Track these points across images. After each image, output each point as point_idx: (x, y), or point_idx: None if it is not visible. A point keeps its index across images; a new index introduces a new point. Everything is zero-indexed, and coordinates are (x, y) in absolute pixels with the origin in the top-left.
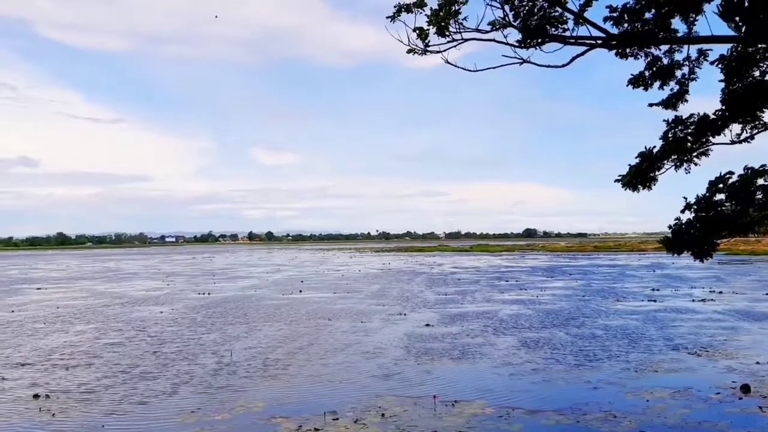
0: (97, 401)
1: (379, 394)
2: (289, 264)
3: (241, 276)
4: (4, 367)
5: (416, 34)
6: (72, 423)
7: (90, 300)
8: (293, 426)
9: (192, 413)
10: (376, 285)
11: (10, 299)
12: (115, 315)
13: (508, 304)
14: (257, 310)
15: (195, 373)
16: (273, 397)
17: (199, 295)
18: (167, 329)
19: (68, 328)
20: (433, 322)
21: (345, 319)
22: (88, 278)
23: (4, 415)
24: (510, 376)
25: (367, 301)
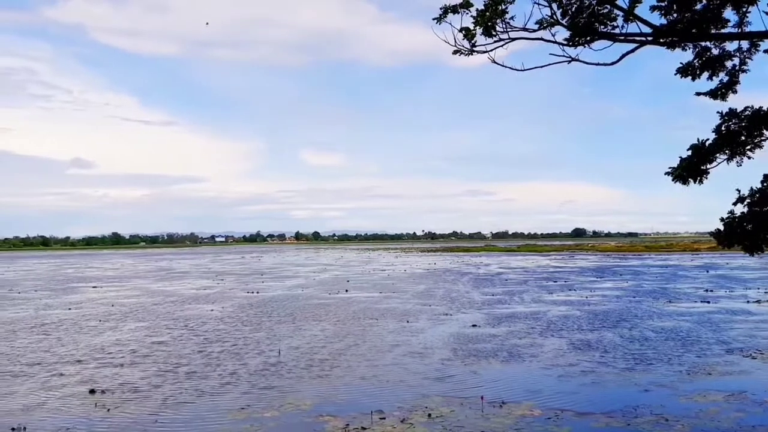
0: (150, 397)
1: (425, 394)
2: (335, 264)
3: (288, 275)
4: (62, 364)
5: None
6: (126, 418)
7: (143, 298)
8: (341, 424)
9: (242, 410)
10: (422, 285)
11: (68, 297)
12: (167, 313)
13: (557, 305)
14: (304, 310)
15: (244, 371)
16: (320, 396)
17: (248, 294)
18: (217, 327)
19: (122, 325)
20: (479, 323)
21: (391, 319)
22: (141, 277)
23: (63, 409)
24: (558, 378)
25: (413, 301)
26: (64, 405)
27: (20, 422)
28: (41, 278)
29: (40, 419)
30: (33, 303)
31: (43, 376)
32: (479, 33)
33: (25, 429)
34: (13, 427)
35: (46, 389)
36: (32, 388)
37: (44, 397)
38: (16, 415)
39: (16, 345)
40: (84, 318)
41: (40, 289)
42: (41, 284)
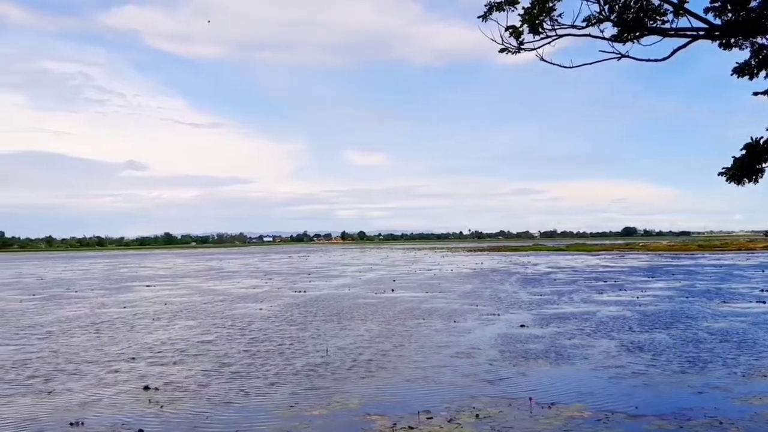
0: (200, 394)
1: (473, 394)
2: (381, 263)
3: (334, 275)
4: (117, 361)
5: (509, 32)
6: (179, 414)
7: (194, 297)
8: (388, 423)
9: (290, 408)
10: (468, 285)
11: (122, 296)
12: (216, 312)
13: (607, 305)
14: (350, 309)
15: (292, 369)
16: (368, 395)
17: (296, 293)
18: (265, 326)
19: (174, 323)
20: (528, 323)
21: (438, 319)
22: (192, 276)
23: (118, 405)
24: (609, 380)
25: (460, 301)
26: (119, 401)
27: (78, 417)
28: (97, 277)
29: (96, 414)
30: (89, 302)
31: (98, 373)
32: (526, 31)
33: (83, 424)
34: (71, 422)
35: (101, 385)
36: (89, 384)
37: (100, 393)
38: (73, 411)
39: (73, 343)
40: (137, 316)
41: (96, 288)
42: (97, 283)
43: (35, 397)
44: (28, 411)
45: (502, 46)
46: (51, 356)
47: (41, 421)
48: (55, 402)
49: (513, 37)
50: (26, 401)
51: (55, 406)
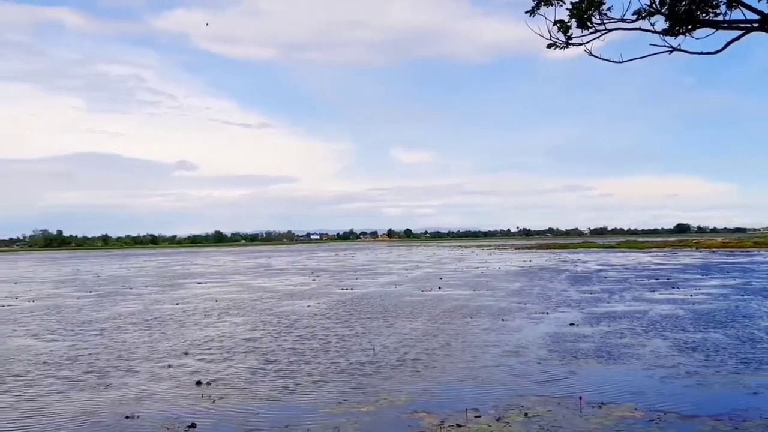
0: (252, 389)
1: (521, 393)
2: (427, 261)
3: (381, 272)
4: (170, 356)
5: (557, 27)
6: (231, 409)
7: (243, 294)
8: (435, 421)
9: (339, 404)
10: (516, 283)
11: (175, 293)
12: (266, 308)
13: (659, 303)
14: (397, 307)
15: (339, 366)
16: (415, 392)
17: (343, 290)
18: (313, 323)
19: (225, 320)
20: (577, 321)
21: (485, 317)
22: (242, 273)
23: (171, 400)
24: (661, 379)
25: (508, 299)
26: (172, 395)
27: (133, 411)
28: (150, 275)
29: (150, 408)
30: (143, 298)
31: (152, 368)
32: (574, 25)
33: (138, 417)
34: (127, 416)
35: (155, 380)
36: (143, 379)
37: (154, 387)
38: (129, 404)
39: (127, 338)
40: (189, 313)
41: (150, 285)
42: (150, 280)
43: (92, 391)
44: (85, 404)
45: (549, 41)
46: (106, 351)
47: (98, 414)
48: (110, 396)
49: (561, 31)
50: (83, 395)
51: (111, 400)
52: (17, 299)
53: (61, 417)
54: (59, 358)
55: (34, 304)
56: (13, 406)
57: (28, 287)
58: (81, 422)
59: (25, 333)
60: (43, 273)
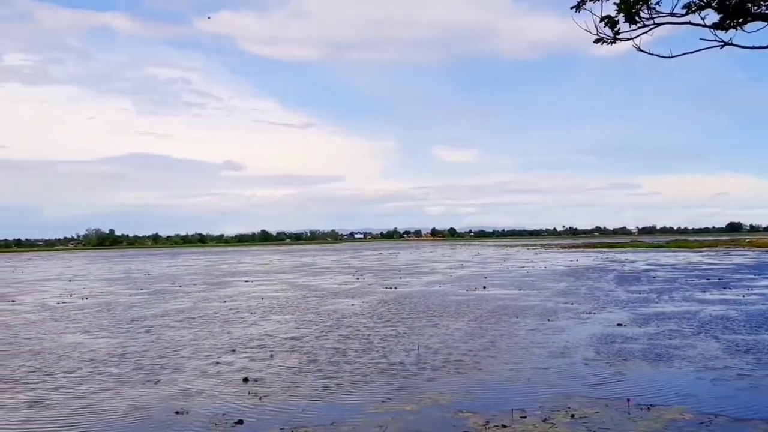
0: (297, 387)
1: (568, 394)
2: (471, 260)
3: (425, 271)
4: (217, 353)
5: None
6: (277, 406)
7: (289, 292)
8: (480, 421)
9: (382, 403)
10: (563, 282)
11: (222, 291)
12: (311, 307)
13: (710, 304)
14: (442, 306)
15: (383, 365)
16: (459, 392)
17: (387, 289)
18: (358, 321)
19: (270, 317)
20: (625, 322)
21: (531, 317)
22: (287, 272)
23: (219, 396)
24: (712, 381)
25: (554, 299)
26: (220, 392)
27: (182, 407)
28: (199, 273)
29: (199, 404)
30: (192, 296)
31: (201, 364)
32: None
33: (188, 413)
34: (177, 411)
35: (204, 376)
36: (191, 375)
37: (202, 383)
38: (178, 400)
39: (176, 335)
40: (236, 310)
41: (198, 283)
42: (199, 278)
43: (142, 386)
44: (136, 400)
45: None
46: (156, 348)
47: (149, 409)
48: (160, 392)
49: (608, 26)
50: (134, 391)
51: (161, 396)
52: (71, 296)
53: (113, 413)
54: (110, 355)
55: (87, 301)
56: (65, 402)
57: (81, 285)
58: (132, 417)
59: (78, 330)
60: (96, 271)
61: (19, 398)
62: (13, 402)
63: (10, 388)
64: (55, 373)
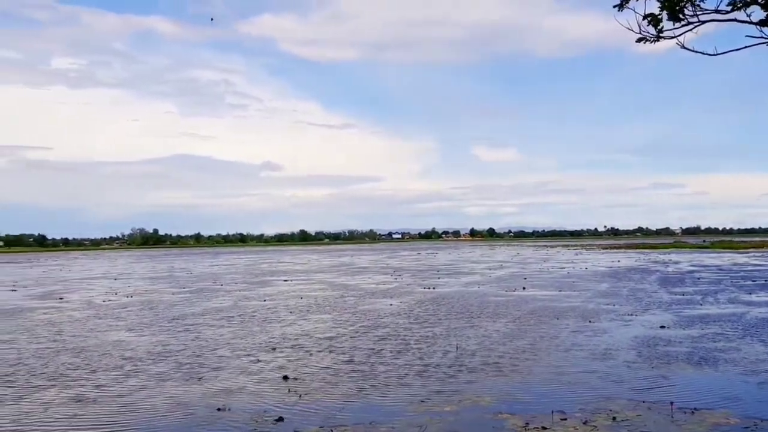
0: (336, 386)
1: (609, 396)
2: (511, 261)
3: (463, 272)
4: (258, 350)
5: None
6: (316, 404)
7: (327, 292)
8: (520, 422)
9: (421, 403)
10: (604, 283)
11: (263, 290)
12: (349, 306)
13: (757, 306)
14: (481, 307)
15: (422, 365)
16: (499, 393)
17: (425, 289)
18: (395, 321)
19: (309, 316)
20: (668, 324)
21: (572, 318)
22: (325, 271)
23: (259, 393)
24: (759, 386)
25: (595, 300)
26: (260, 389)
27: (224, 404)
28: (240, 272)
29: (240, 401)
30: (233, 295)
31: (242, 362)
32: (665, 18)
33: (229, 410)
34: (219, 408)
35: (245, 374)
36: (233, 372)
37: (244, 381)
38: (220, 397)
39: (218, 333)
40: (276, 309)
41: (238, 282)
42: (239, 278)
43: (185, 383)
44: (179, 396)
45: (639, 35)
46: (198, 345)
47: (191, 405)
48: (202, 388)
49: (651, 25)
50: (176, 387)
51: (203, 393)
52: (116, 295)
53: (157, 409)
54: (153, 352)
55: (132, 299)
56: (109, 399)
57: (126, 283)
58: (175, 414)
59: (122, 327)
60: (140, 270)
61: (65, 395)
62: (58, 398)
63: (54, 385)
64: (99, 370)
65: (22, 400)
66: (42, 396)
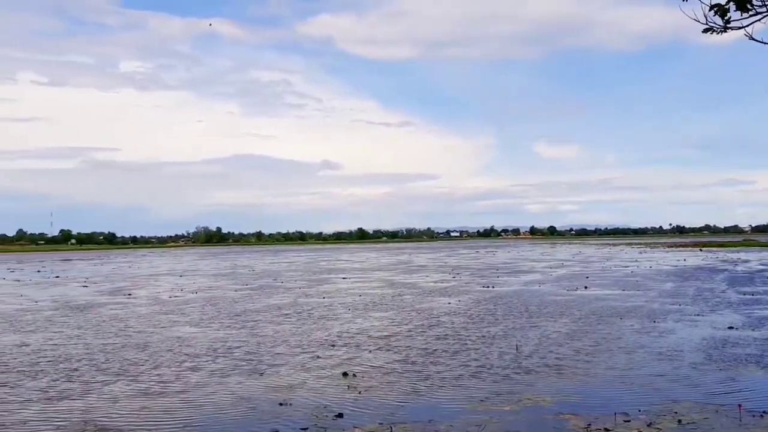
0: (395, 383)
1: (674, 398)
2: (572, 259)
3: (523, 270)
4: (317, 347)
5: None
6: (375, 401)
7: (386, 290)
8: (582, 423)
9: (481, 402)
10: (669, 283)
11: (321, 287)
12: (407, 304)
13: None
14: (541, 306)
15: (481, 364)
16: (560, 393)
17: (484, 288)
18: (454, 320)
19: (368, 314)
20: (737, 325)
21: (635, 319)
22: (383, 269)
23: (319, 389)
24: None
25: (660, 300)
26: (320, 385)
27: (285, 398)
28: (299, 270)
29: (301, 397)
30: (293, 292)
31: (302, 358)
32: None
33: (291, 404)
34: (281, 402)
35: (305, 370)
36: (293, 368)
37: (304, 377)
38: (281, 392)
39: (279, 329)
40: (335, 306)
41: (299, 279)
42: (299, 275)
43: (247, 378)
44: (242, 390)
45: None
46: (259, 341)
47: (254, 400)
48: (264, 383)
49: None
50: (239, 381)
51: (265, 387)
52: (182, 291)
53: (220, 402)
54: (216, 347)
55: (196, 295)
56: (174, 392)
57: (191, 280)
58: (239, 407)
59: (187, 323)
60: (205, 267)
61: (131, 388)
62: (125, 392)
63: (120, 379)
64: (163, 365)
65: (89, 394)
66: (109, 390)
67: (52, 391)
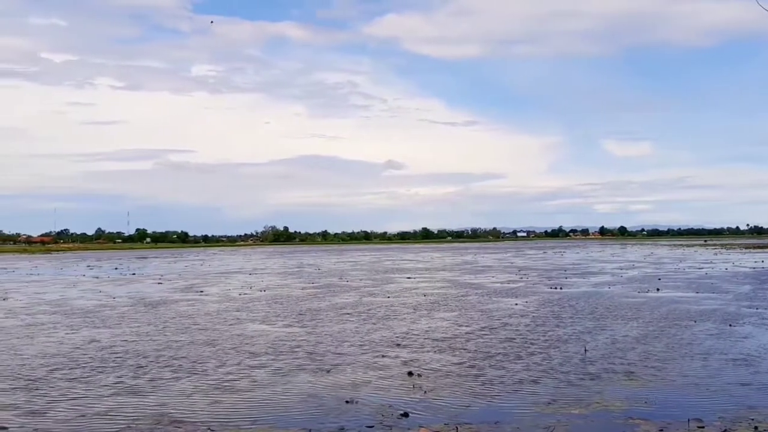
0: (460, 384)
1: (751, 405)
2: (644, 260)
3: (592, 272)
4: (383, 346)
5: None
6: (441, 401)
7: (451, 290)
8: (653, 429)
9: (548, 404)
10: (746, 285)
11: (386, 287)
12: (473, 305)
13: None
14: (610, 308)
15: (548, 366)
16: (630, 398)
17: (551, 289)
18: (521, 321)
19: (433, 314)
20: None
21: (710, 322)
22: (448, 270)
23: (385, 387)
24: None
25: (736, 303)
26: (385, 384)
27: (352, 396)
28: (364, 269)
29: (366, 395)
30: (357, 291)
31: (367, 357)
32: None
33: (357, 402)
34: (347, 400)
35: (371, 369)
36: (360, 366)
37: (369, 375)
38: (347, 389)
39: (345, 328)
40: (399, 306)
41: (363, 278)
42: (364, 274)
43: (314, 375)
44: (309, 387)
45: None
46: (325, 339)
47: (321, 397)
48: (331, 381)
49: None
50: (307, 379)
51: (331, 385)
52: (251, 288)
53: (288, 399)
54: (284, 344)
55: (265, 293)
56: (242, 389)
57: (260, 278)
58: (307, 404)
59: (255, 320)
60: (273, 265)
61: (199, 384)
62: (193, 388)
63: (189, 376)
64: (231, 361)
65: (159, 389)
66: (179, 385)
67: (123, 385)
